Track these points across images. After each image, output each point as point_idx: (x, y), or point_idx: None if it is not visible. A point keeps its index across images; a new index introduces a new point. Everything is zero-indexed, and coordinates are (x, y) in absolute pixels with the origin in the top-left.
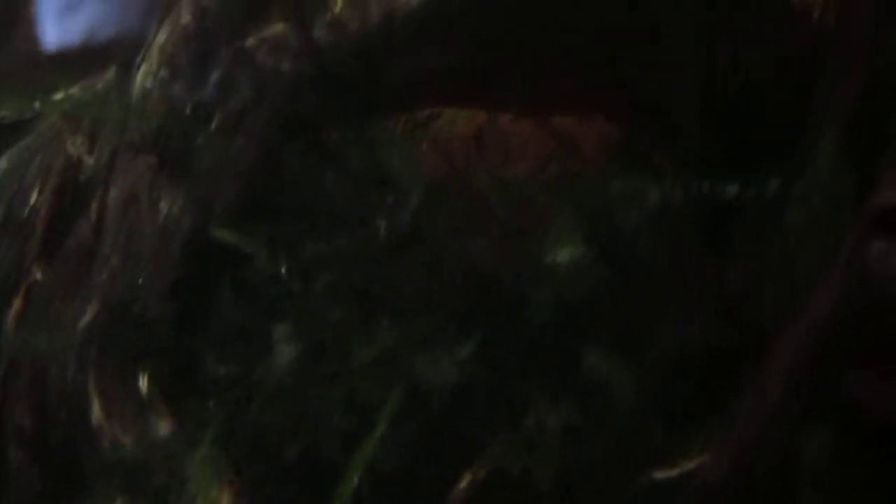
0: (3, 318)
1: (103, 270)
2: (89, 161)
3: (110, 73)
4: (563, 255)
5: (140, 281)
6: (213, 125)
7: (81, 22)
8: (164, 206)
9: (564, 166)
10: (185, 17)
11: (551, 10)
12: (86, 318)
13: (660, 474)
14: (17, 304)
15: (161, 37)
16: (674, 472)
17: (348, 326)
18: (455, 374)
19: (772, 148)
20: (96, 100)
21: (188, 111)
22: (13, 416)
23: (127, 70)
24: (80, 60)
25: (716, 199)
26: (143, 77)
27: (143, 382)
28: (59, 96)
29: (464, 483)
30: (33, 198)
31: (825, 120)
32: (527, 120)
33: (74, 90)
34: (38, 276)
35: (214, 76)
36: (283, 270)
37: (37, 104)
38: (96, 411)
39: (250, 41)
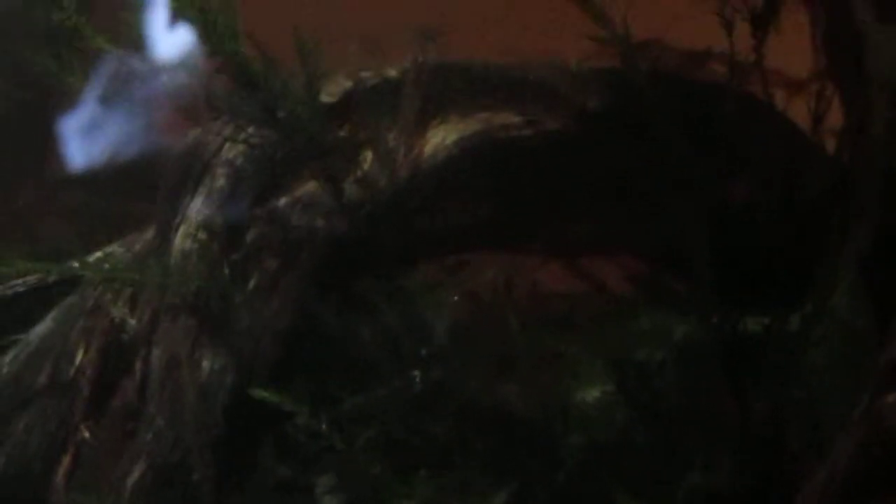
0: (52, 476)
1: (149, 430)
2: (132, 322)
3: (149, 234)
4: (592, 395)
5: (184, 440)
6: (251, 285)
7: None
8: (205, 365)
9: (592, 306)
10: (220, 180)
11: (569, 157)
12: (133, 477)
13: None
14: (65, 462)
15: (198, 200)
16: None
17: (388, 479)
18: None
19: (792, 285)
20: (136, 261)
21: (226, 271)
22: None
23: (165, 232)
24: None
25: (738, 337)
26: (181, 239)
27: None
28: (97, 256)
29: None
30: (78, 357)
31: (843, 259)
32: (554, 263)
33: (113, 248)
34: (87, 435)
35: (250, 236)
36: (323, 426)
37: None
38: None
39: (283, 201)
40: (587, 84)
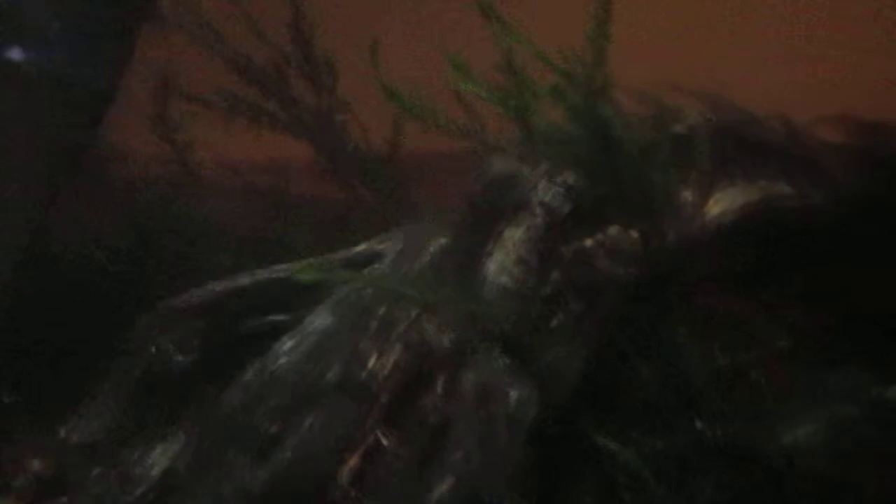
0: (337, 476)
1: (458, 449)
2: (435, 340)
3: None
4: None
5: (493, 465)
6: (554, 323)
7: None
8: (513, 395)
9: None
10: (538, 218)
11: (823, 231)
12: (440, 491)
13: None
14: (353, 463)
15: (514, 232)
16: None
17: None
18: None
19: None
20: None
21: (536, 309)
22: None
23: (472, 255)
24: None
25: None
26: (497, 270)
27: None
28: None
29: None
30: (371, 362)
31: None
32: None
33: (365, 247)
34: (384, 441)
35: (555, 275)
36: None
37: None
38: None
39: (588, 243)
40: (845, 161)
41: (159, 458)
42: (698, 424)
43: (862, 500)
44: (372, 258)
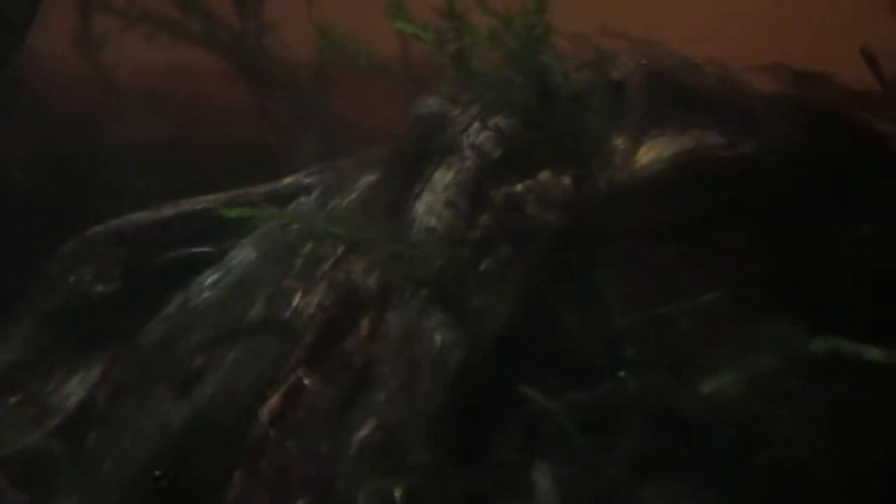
0: (257, 413)
1: (381, 391)
2: (360, 280)
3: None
4: None
5: (415, 407)
6: (482, 267)
7: None
8: (437, 338)
9: None
10: (468, 161)
11: (753, 179)
12: (362, 433)
13: None
14: (274, 402)
15: (442, 174)
16: None
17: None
18: None
19: None
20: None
21: (465, 252)
22: (251, 498)
23: (400, 195)
24: None
25: None
26: (425, 213)
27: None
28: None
29: None
30: (295, 300)
31: None
32: None
33: (294, 178)
34: (306, 381)
35: (484, 220)
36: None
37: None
38: None
39: (519, 188)
40: (778, 111)
41: (76, 388)
42: (622, 374)
43: (777, 451)
44: (299, 192)
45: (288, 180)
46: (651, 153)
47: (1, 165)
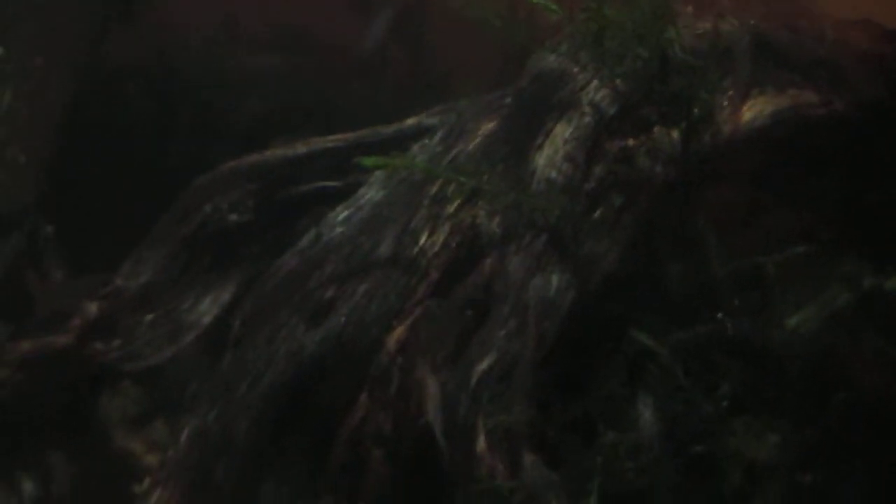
0: (384, 339)
1: (502, 327)
2: (487, 226)
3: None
4: None
5: (530, 344)
6: (595, 215)
7: None
8: (553, 280)
9: None
10: (586, 117)
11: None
12: (482, 366)
13: None
14: (400, 332)
15: (563, 129)
16: None
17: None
18: None
19: None
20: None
21: (580, 202)
22: (376, 419)
23: (521, 147)
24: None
25: None
26: (545, 165)
27: (518, 429)
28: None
29: None
30: (422, 239)
31: None
32: None
33: (421, 119)
34: (431, 314)
35: (598, 171)
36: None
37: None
38: (481, 445)
39: (631, 142)
40: (871, 71)
41: (210, 308)
42: (719, 316)
43: (846, 388)
44: (422, 133)
45: (411, 121)
46: (753, 111)
47: (116, 78)
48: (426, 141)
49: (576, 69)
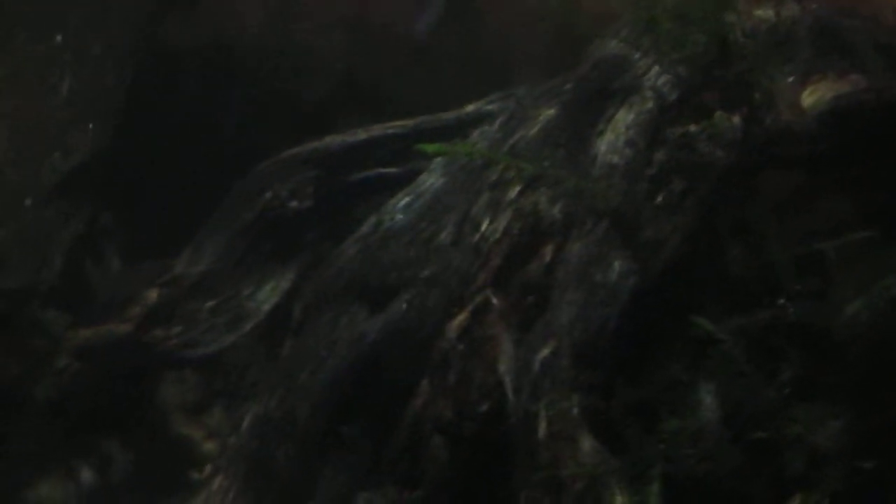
0: (445, 325)
1: (563, 314)
2: (548, 212)
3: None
4: None
5: (593, 330)
6: (658, 200)
7: None
8: (615, 265)
9: None
10: (649, 103)
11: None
12: (543, 353)
13: None
14: (460, 318)
15: (624, 114)
16: None
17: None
18: None
19: None
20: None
21: (643, 187)
22: (436, 405)
23: (583, 131)
24: None
25: None
26: (607, 150)
27: (579, 415)
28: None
29: None
30: (484, 225)
31: None
32: None
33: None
34: (492, 301)
35: (660, 156)
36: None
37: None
38: (542, 431)
39: (692, 127)
40: None
41: (269, 295)
42: (781, 302)
43: None
44: (482, 119)
45: (471, 108)
46: (813, 96)
47: (174, 62)
48: (486, 127)
49: (637, 55)
